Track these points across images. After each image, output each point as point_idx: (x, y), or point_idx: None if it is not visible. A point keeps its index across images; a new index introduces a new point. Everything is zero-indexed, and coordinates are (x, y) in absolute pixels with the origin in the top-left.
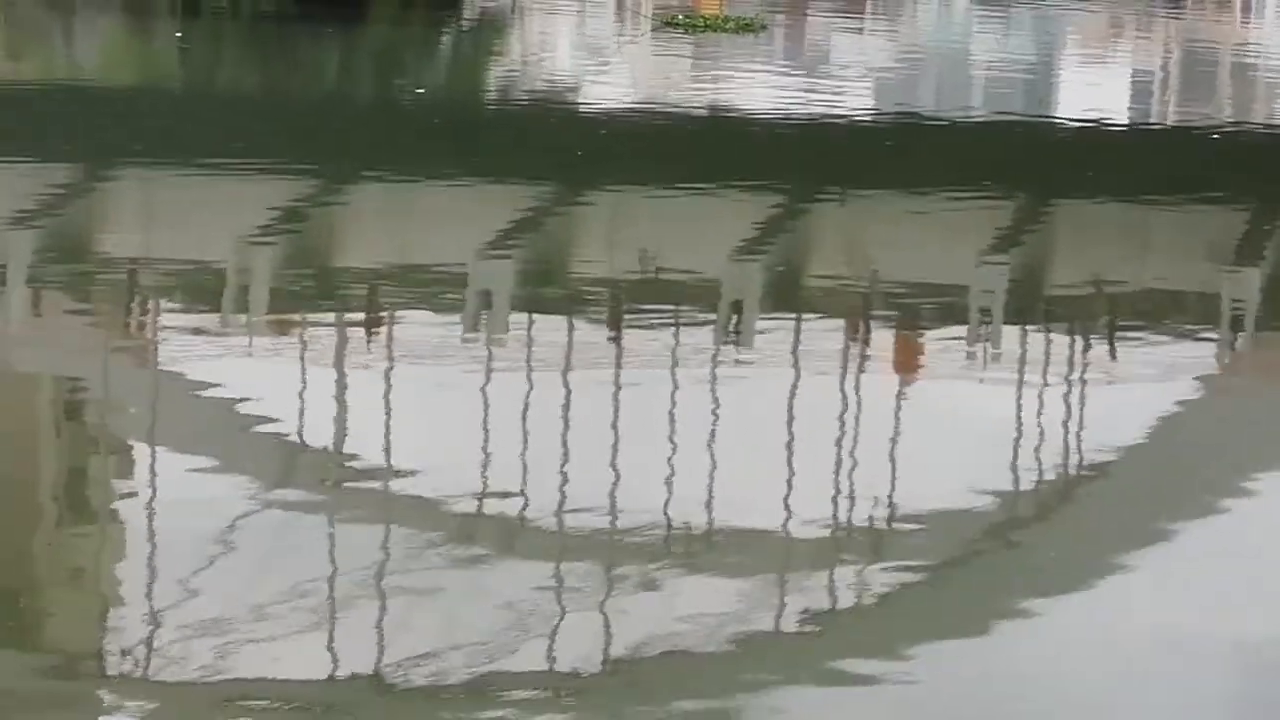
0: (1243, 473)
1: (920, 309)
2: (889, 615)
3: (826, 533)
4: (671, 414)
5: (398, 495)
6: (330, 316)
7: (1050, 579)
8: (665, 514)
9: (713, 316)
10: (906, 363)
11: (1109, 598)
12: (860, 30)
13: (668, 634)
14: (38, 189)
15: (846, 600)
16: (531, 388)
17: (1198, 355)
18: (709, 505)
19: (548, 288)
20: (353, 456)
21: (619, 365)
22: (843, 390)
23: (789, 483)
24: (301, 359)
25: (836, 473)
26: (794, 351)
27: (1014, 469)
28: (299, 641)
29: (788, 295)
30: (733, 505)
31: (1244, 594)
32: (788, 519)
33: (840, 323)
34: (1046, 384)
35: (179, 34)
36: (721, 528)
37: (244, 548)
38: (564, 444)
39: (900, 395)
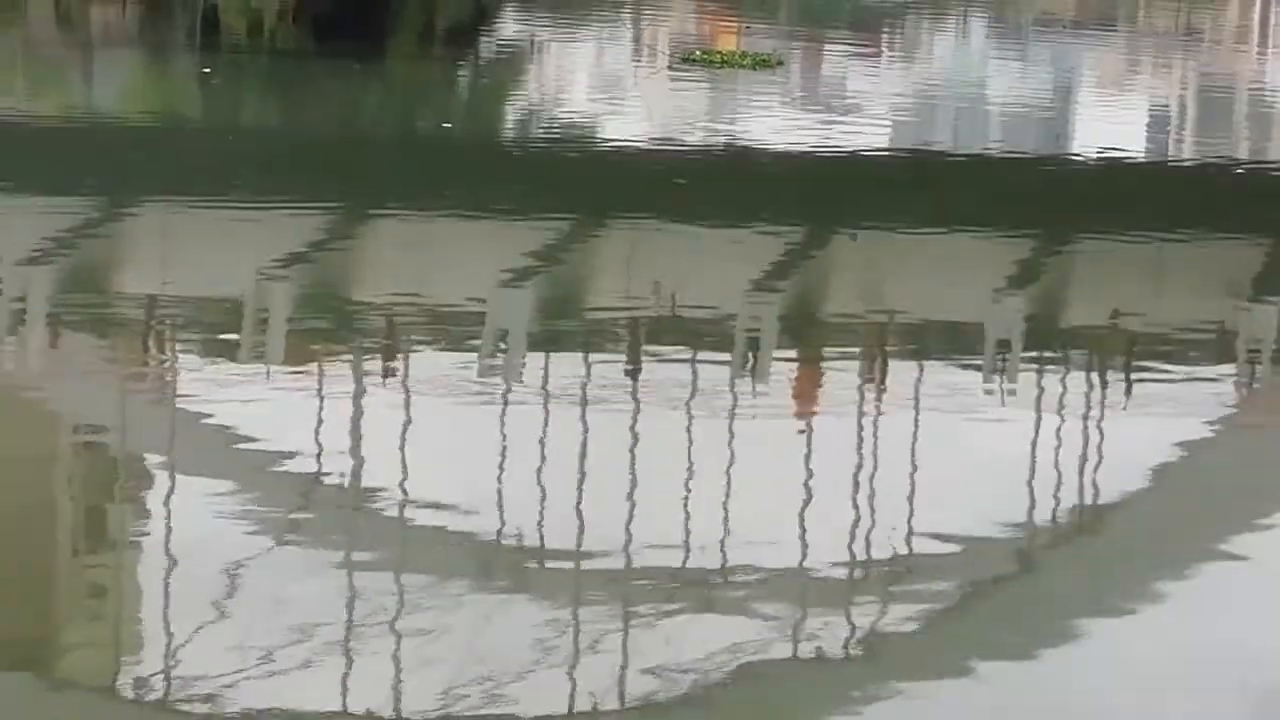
0: (1262, 507)
1: (935, 343)
2: (908, 649)
3: (846, 567)
4: (688, 449)
5: (413, 529)
6: (347, 351)
7: (1070, 611)
8: (683, 547)
9: (729, 352)
10: (806, 393)
11: (1128, 630)
12: (877, 66)
13: (684, 669)
14: (68, 224)
15: (867, 633)
16: (547, 422)
17: (1216, 390)
18: (725, 539)
19: (564, 322)
20: (368, 491)
21: (636, 400)
22: (859, 425)
23: (805, 518)
24: (319, 393)
25: (855, 506)
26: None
27: (1031, 504)
28: (311, 675)
29: (803, 331)
30: (750, 539)
31: (1265, 625)
32: (805, 554)
33: (855, 359)
34: (1062, 419)
35: (207, 69)
36: (738, 562)
37: (258, 580)
38: (580, 479)
39: (803, 429)
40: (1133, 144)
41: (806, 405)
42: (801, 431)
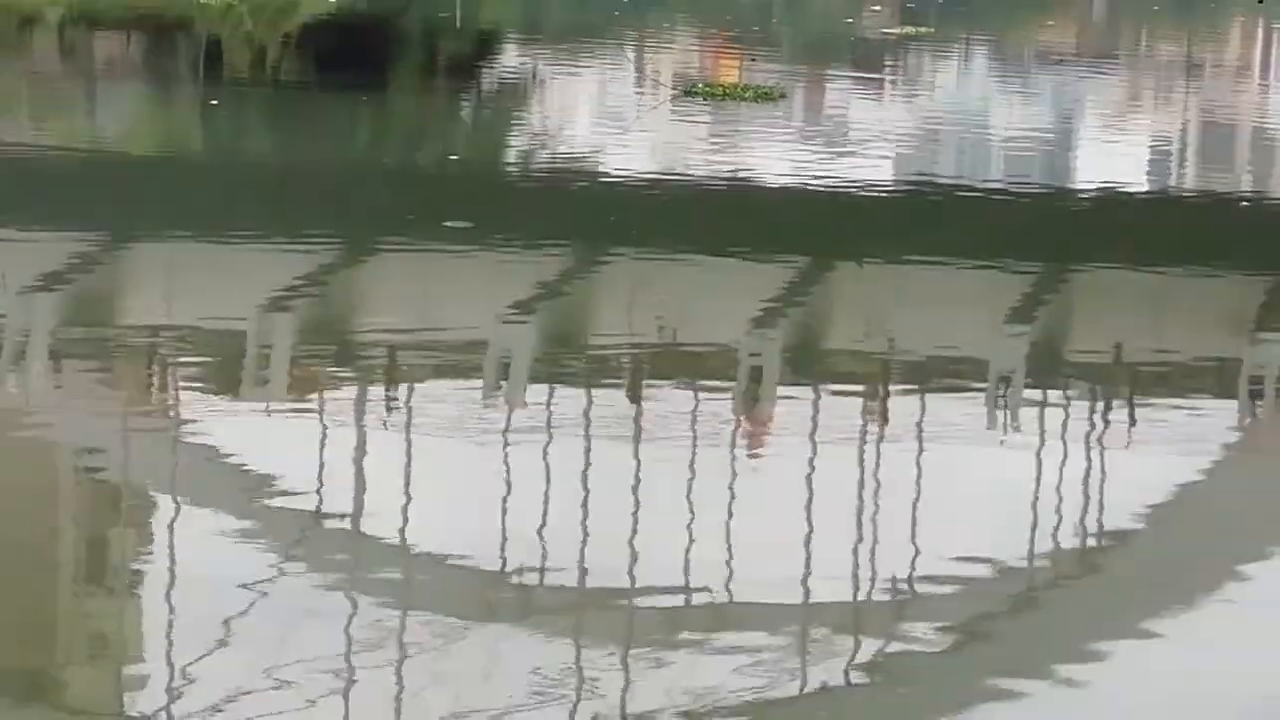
0: (1268, 541)
1: (937, 376)
2: (913, 682)
3: (849, 600)
4: (690, 482)
5: (414, 562)
6: (349, 384)
7: (1073, 645)
8: (684, 580)
9: (730, 384)
10: (754, 426)
11: (1133, 664)
12: (879, 98)
13: (688, 703)
14: (69, 255)
15: (870, 667)
16: (549, 455)
17: (1220, 424)
18: (729, 573)
19: (566, 354)
20: (370, 524)
21: (637, 433)
22: (862, 458)
23: (808, 551)
24: (320, 426)
25: (858, 539)
26: (813, 420)
27: (1034, 537)
28: (314, 714)
29: (805, 364)
30: (753, 571)
31: (1272, 661)
32: (807, 587)
33: (858, 391)
34: (1065, 453)
35: (214, 101)
36: (741, 595)
37: (260, 617)
38: (583, 512)
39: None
40: (1136, 177)
41: (758, 435)
42: (806, 463)
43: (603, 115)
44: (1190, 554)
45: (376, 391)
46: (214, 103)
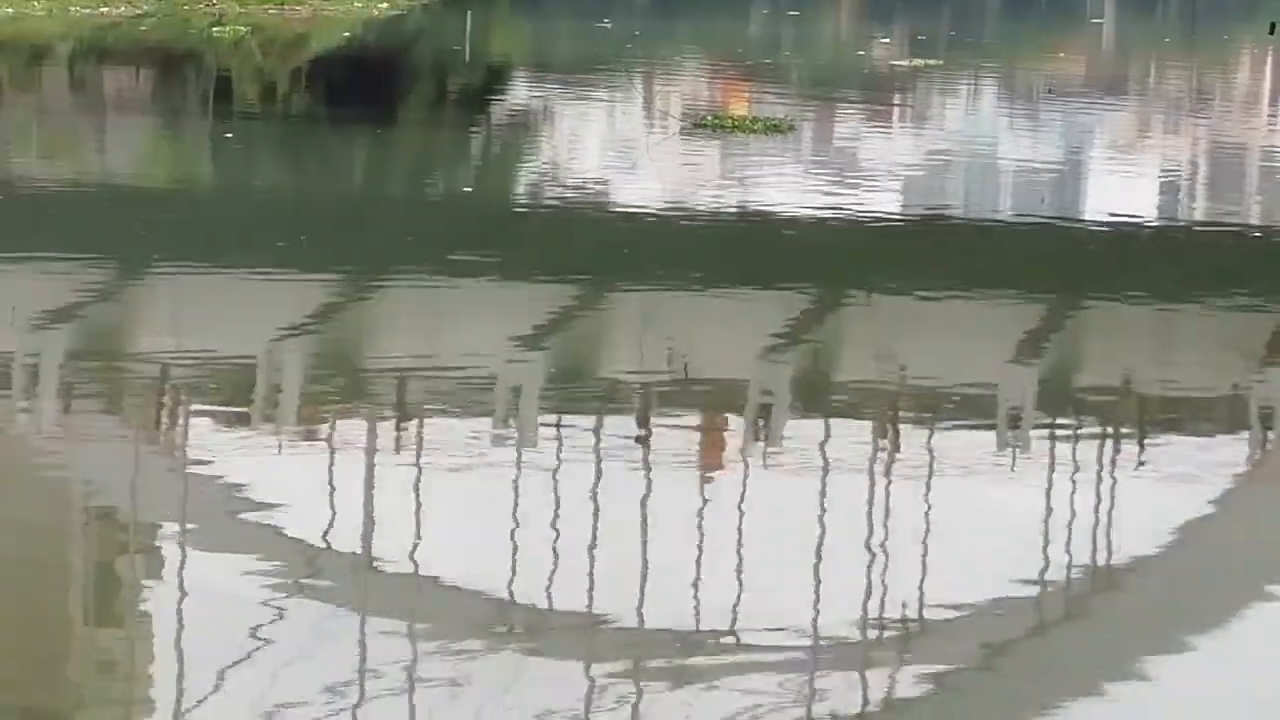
0: (1276, 572)
1: (947, 407)
2: (923, 713)
3: (859, 630)
4: (700, 512)
5: (425, 594)
6: (359, 415)
7: (1083, 676)
8: (694, 612)
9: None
10: (711, 456)
11: (1143, 696)
12: (889, 130)
13: None
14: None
15: (882, 697)
16: (559, 487)
17: (1230, 456)
18: (738, 604)
19: (576, 387)
20: (379, 556)
21: (647, 465)
22: (871, 490)
23: (818, 581)
24: (330, 457)
25: (868, 569)
26: (822, 452)
27: (1044, 569)
28: None
29: (816, 395)
30: (762, 602)
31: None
32: (817, 617)
33: (868, 423)
34: (1075, 484)
35: (229, 134)
36: (750, 625)
37: (270, 644)
38: (592, 543)
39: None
40: (1145, 208)
41: (712, 460)
42: (815, 494)
43: (612, 147)
44: (1198, 589)
45: (387, 423)
46: (228, 136)
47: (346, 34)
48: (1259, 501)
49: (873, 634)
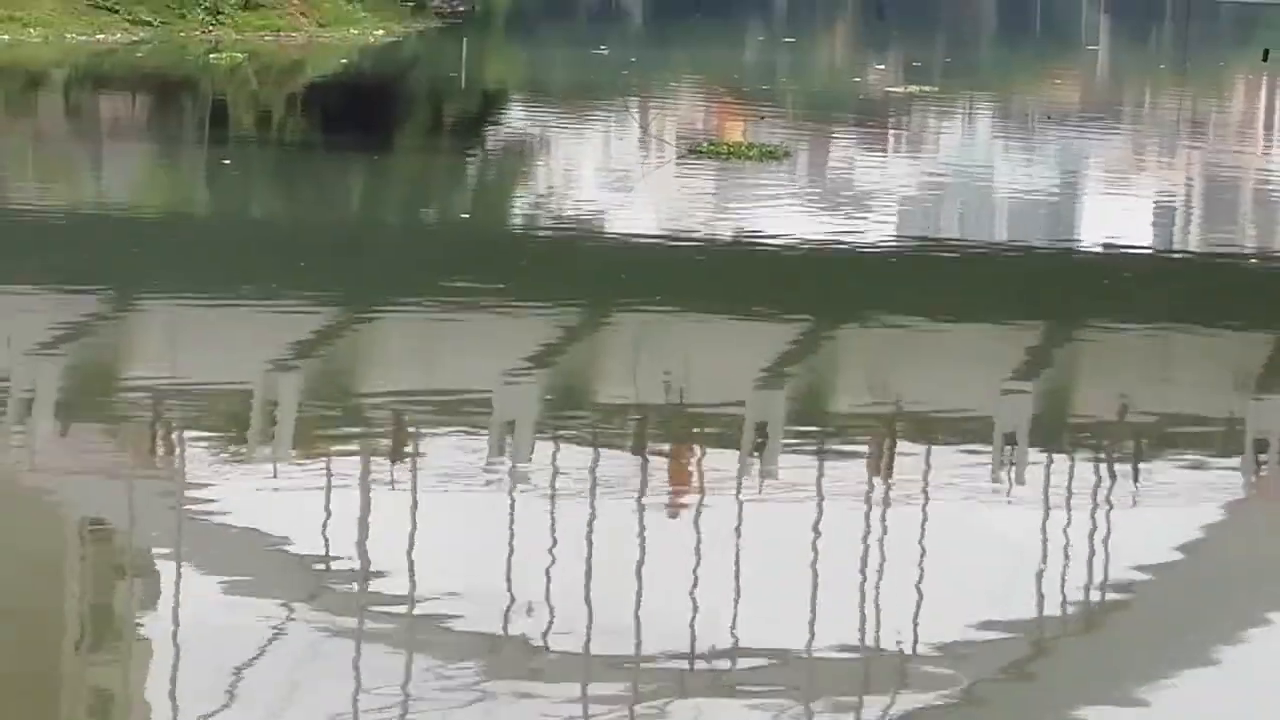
0: (1272, 600)
1: (943, 434)
2: None
3: (854, 657)
4: (697, 539)
5: (421, 620)
6: (355, 442)
7: (1078, 704)
8: (690, 638)
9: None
10: (679, 477)
11: None
12: (884, 157)
13: None
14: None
15: None
16: (555, 512)
17: (1225, 483)
18: (734, 629)
19: (572, 412)
20: (377, 582)
21: (642, 490)
22: (868, 515)
23: (814, 608)
24: (326, 484)
25: (862, 596)
26: (818, 478)
27: (1039, 596)
28: None
29: (811, 421)
30: (758, 629)
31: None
32: (812, 643)
33: (863, 449)
34: (1070, 511)
35: (226, 160)
36: (747, 652)
37: (268, 674)
38: (588, 569)
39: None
40: (1140, 235)
41: (680, 486)
42: (811, 521)
43: (609, 174)
44: (1190, 617)
45: (382, 450)
46: (226, 162)
47: (344, 60)
48: (1252, 531)
49: (867, 658)
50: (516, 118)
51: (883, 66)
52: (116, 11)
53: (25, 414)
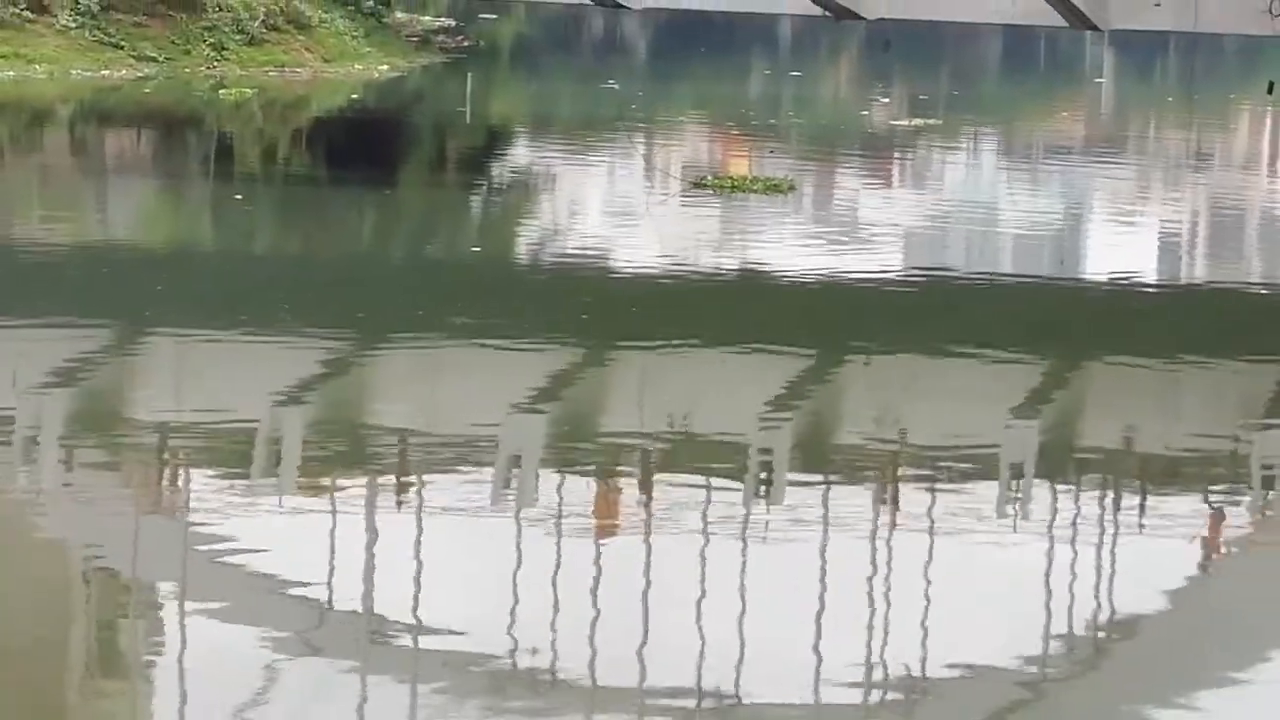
0: (1273, 636)
1: (950, 467)
2: None
3: (861, 690)
4: (702, 572)
5: (427, 654)
6: (361, 476)
7: None
8: (696, 673)
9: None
10: (606, 511)
11: None
12: (889, 191)
13: None
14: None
15: None
16: (561, 546)
17: (1230, 514)
18: (740, 664)
19: (577, 447)
20: (381, 616)
21: (649, 524)
22: (873, 548)
23: (820, 641)
24: (332, 519)
25: (869, 629)
26: (824, 510)
27: (1046, 628)
28: None
29: (817, 455)
30: (764, 662)
31: None
32: (819, 677)
33: (870, 483)
34: (1076, 543)
35: (238, 196)
36: (753, 685)
37: (274, 707)
38: (594, 603)
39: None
40: (1145, 268)
41: (607, 522)
42: (817, 554)
43: (614, 208)
44: (1197, 648)
45: (387, 483)
46: (238, 197)
47: (355, 95)
48: (1260, 561)
49: (874, 691)
50: (522, 152)
51: (888, 100)
52: (121, 47)
53: (31, 449)
